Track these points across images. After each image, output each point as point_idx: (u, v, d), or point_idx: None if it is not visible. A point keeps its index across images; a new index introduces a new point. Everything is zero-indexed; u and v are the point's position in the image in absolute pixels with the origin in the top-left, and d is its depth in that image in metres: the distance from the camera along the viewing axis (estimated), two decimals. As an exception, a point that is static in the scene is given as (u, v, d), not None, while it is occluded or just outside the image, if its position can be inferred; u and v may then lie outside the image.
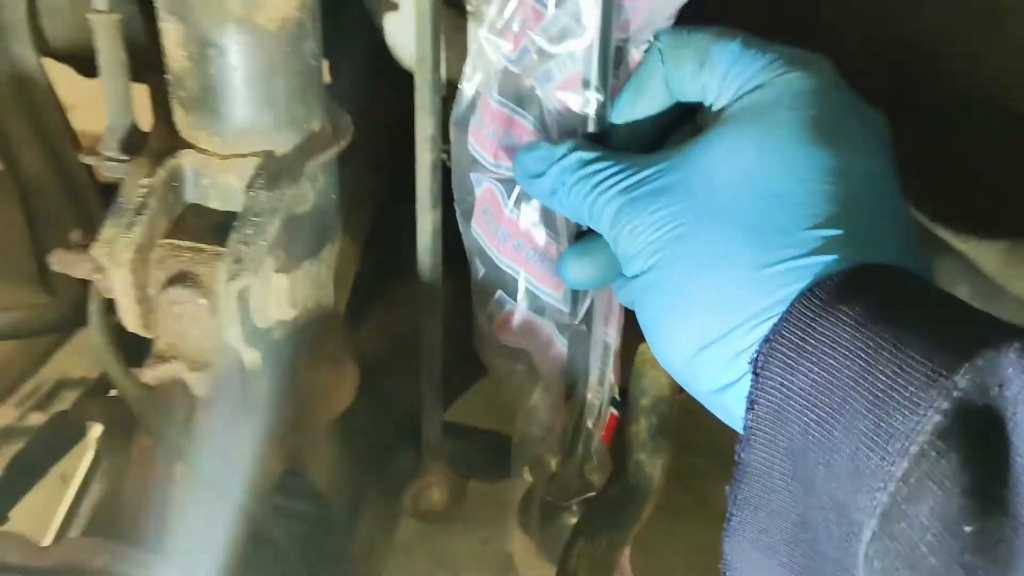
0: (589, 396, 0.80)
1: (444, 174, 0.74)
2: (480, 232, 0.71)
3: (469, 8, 0.65)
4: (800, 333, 0.43)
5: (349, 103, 0.70)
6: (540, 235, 0.68)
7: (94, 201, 1.02)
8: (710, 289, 0.46)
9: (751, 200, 0.47)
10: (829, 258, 0.44)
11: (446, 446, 0.90)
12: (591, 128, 0.60)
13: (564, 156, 0.56)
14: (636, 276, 0.50)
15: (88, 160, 0.65)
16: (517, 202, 0.67)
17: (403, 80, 0.78)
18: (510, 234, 0.70)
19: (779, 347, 0.43)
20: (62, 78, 1.01)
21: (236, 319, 0.57)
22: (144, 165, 0.59)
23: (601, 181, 0.52)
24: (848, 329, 0.42)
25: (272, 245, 0.57)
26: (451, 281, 0.80)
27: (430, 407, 0.85)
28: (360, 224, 0.90)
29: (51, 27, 0.99)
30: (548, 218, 0.68)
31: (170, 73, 0.60)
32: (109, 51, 0.62)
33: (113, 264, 0.56)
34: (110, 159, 0.64)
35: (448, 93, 0.75)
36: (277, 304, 0.59)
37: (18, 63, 0.91)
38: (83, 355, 2.14)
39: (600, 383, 0.80)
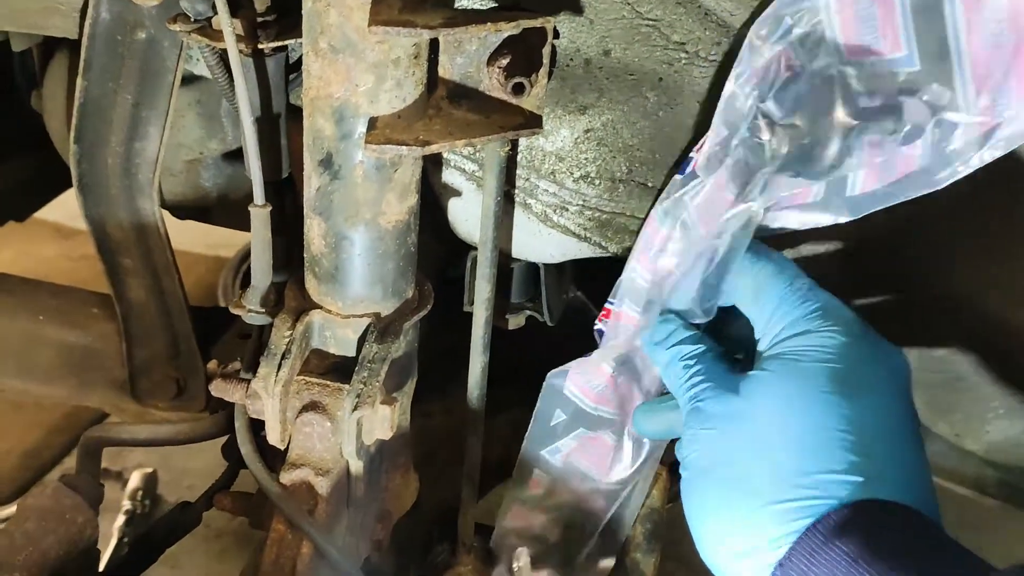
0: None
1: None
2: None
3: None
4: (805, 562, 0.54)
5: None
6: None
7: (184, 326, 1.22)
8: (738, 512, 0.59)
9: (779, 441, 0.59)
10: (835, 499, 0.54)
11: (476, 541, 1.09)
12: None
13: (674, 344, 0.76)
14: (685, 468, 0.66)
15: (235, 311, 0.86)
16: None
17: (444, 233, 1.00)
18: None
19: (791, 573, 0.55)
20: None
21: (353, 439, 0.77)
22: (286, 320, 0.81)
23: (687, 380, 0.71)
24: (844, 563, 0.52)
25: (382, 385, 0.78)
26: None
27: (466, 508, 1.05)
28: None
29: (167, 185, 1.22)
30: None
31: (308, 254, 0.82)
32: (261, 234, 0.84)
33: (267, 395, 0.77)
34: (252, 311, 0.85)
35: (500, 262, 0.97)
36: (381, 427, 0.79)
37: (141, 214, 1.13)
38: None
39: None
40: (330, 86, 0.71)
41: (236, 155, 1.19)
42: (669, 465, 1.11)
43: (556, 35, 0.81)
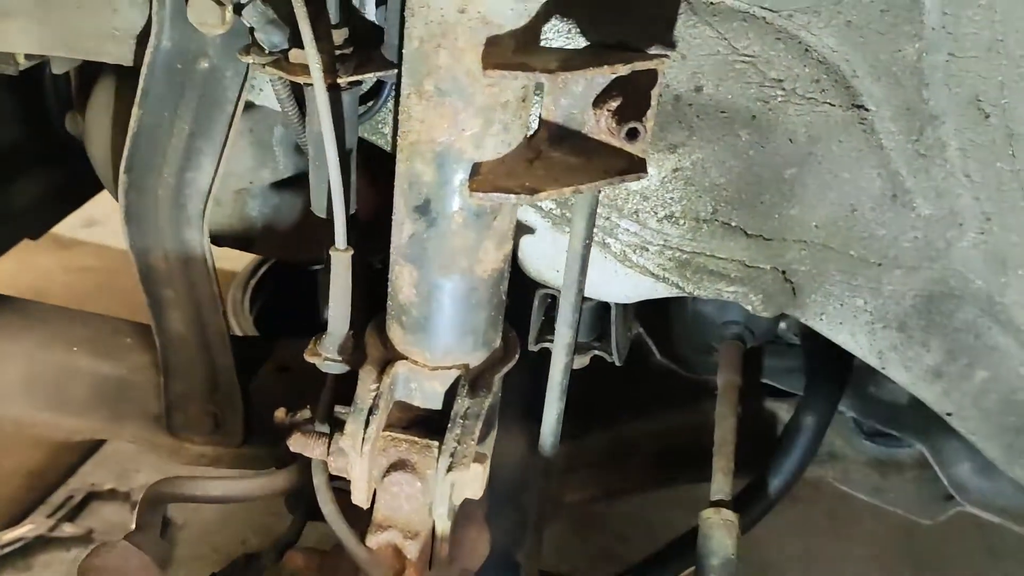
0: None
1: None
2: None
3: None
4: None
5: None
6: None
7: (225, 360, 1.17)
8: None
9: None
10: None
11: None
12: None
13: None
14: None
15: (311, 359, 0.82)
16: None
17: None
18: None
19: None
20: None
21: (446, 500, 0.72)
22: (371, 373, 0.76)
23: None
24: None
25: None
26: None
27: (531, 556, 1.00)
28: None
29: (212, 215, 1.17)
30: None
31: (393, 302, 0.77)
32: (341, 278, 0.79)
33: (356, 454, 0.72)
34: (328, 359, 0.81)
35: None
36: (472, 486, 0.74)
37: (188, 246, 1.08)
38: (109, 468, 2.25)
39: None
40: (433, 130, 0.67)
41: (284, 185, 1.15)
42: (740, 502, 1.07)
43: (662, 75, 0.77)
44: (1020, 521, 1.20)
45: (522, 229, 0.93)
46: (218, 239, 1.20)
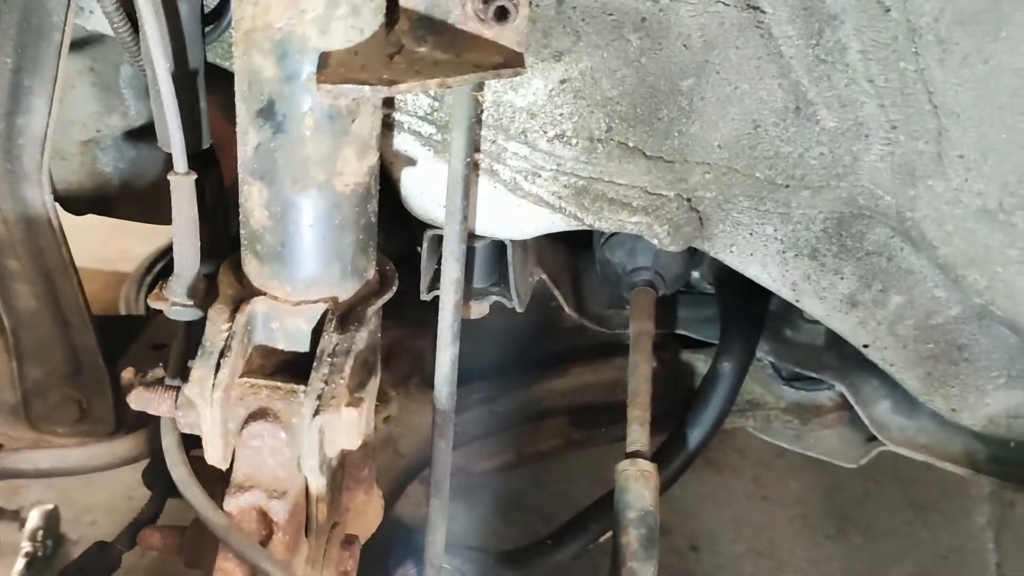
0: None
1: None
2: None
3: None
4: None
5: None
6: None
7: (86, 339, 1.05)
8: None
9: None
10: None
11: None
12: None
13: None
14: None
15: (156, 305, 0.71)
16: None
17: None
18: None
19: None
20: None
21: (315, 451, 0.63)
22: (223, 311, 0.66)
23: None
24: None
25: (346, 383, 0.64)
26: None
27: (434, 526, 0.91)
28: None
29: (58, 171, 1.04)
30: None
31: (246, 229, 0.67)
32: (184, 208, 0.69)
33: (204, 402, 0.62)
34: (177, 304, 0.70)
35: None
36: (347, 435, 0.65)
37: (28, 205, 0.95)
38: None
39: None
40: (269, 13, 0.58)
41: (140, 134, 1.03)
42: (659, 458, 1.00)
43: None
44: (942, 457, 1.16)
45: (402, 161, 0.85)
46: (68, 201, 1.07)
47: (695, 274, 1.31)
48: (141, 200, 1.08)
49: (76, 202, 1.07)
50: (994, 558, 1.80)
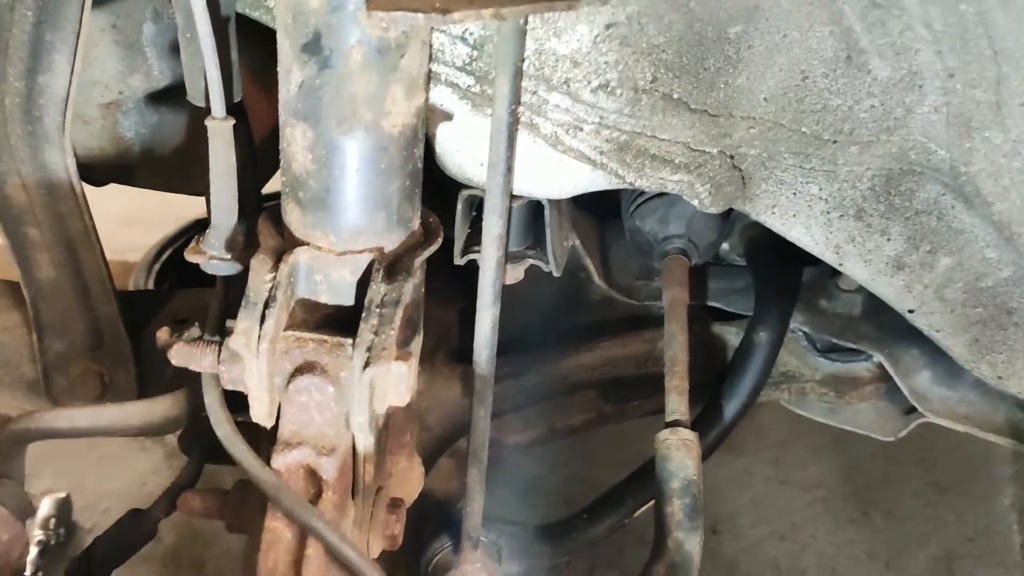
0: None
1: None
2: None
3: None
4: None
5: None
6: None
7: (108, 310, 1.02)
8: None
9: None
10: None
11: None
12: None
13: None
14: None
15: (192, 258, 0.68)
16: None
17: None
18: None
19: None
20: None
21: (365, 406, 0.60)
22: (266, 262, 0.63)
23: None
24: None
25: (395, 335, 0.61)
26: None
27: (474, 496, 0.88)
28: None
29: (78, 136, 1.01)
30: None
31: (288, 175, 0.64)
32: (221, 154, 0.65)
33: (250, 354, 0.59)
34: (215, 258, 0.67)
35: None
36: (396, 391, 0.62)
37: (49, 170, 0.92)
38: None
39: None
40: (318, -64, 0.54)
41: (163, 97, 1.00)
42: (696, 430, 0.97)
43: None
44: (984, 428, 1.13)
45: (437, 116, 0.81)
46: (89, 168, 1.04)
47: (725, 245, 1.28)
48: (164, 167, 1.05)
49: (97, 169, 1.04)
50: (1019, 539, 1.78)
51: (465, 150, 0.83)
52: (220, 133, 0.64)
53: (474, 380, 0.81)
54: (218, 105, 0.63)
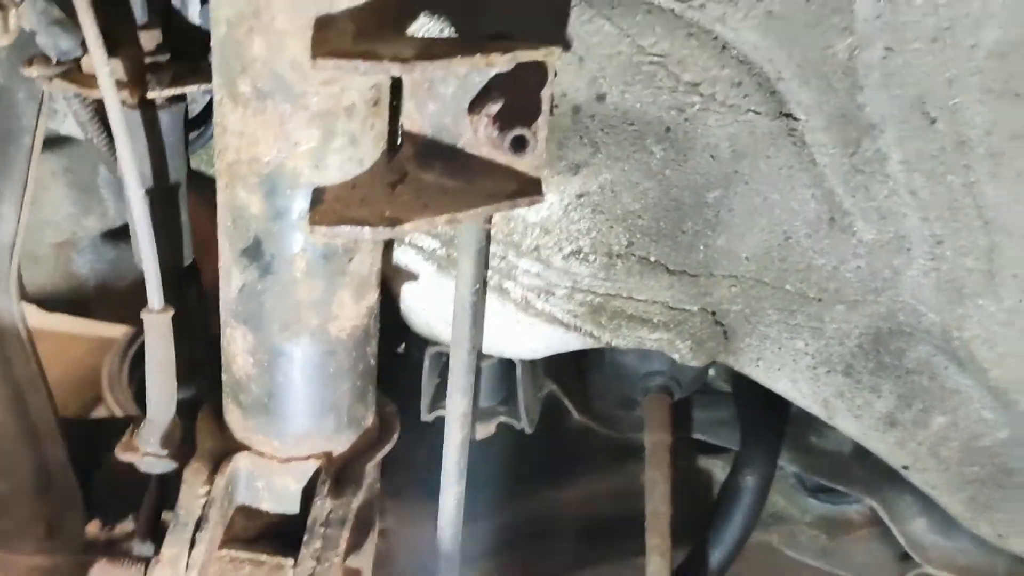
0: None
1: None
2: None
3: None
4: None
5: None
6: None
7: (56, 452, 0.96)
8: None
9: None
10: None
11: None
12: None
13: None
14: None
15: (125, 457, 0.63)
16: None
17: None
18: None
19: None
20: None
21: (303, 639, 0.54)
22: (201, 471, 0.58)
23: None
24: None
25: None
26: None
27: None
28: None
29: (29, 274, 0.97)
30: None
31: (228, 376, 0.59)
32: (160, 347, 0.61)
33: (176, 588, 0.53)
34: (149, 455, 0.62)
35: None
36: (339, 614, 0.56)
37: (-2, 314, 0.87)
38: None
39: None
40: (256, 146, 0.51)
41: (120, 234, 0.96)
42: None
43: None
44: (985, 581, 1.08)
45: (403, 276, 0.77)
46: (42, 302, 0.99)
47: (711, 371, 1.24)
48: (120, 302, 1.00)
49: (48, 304, 0.99)
50: None
51: (432, 310, 0.79)
52: (156, 327, 0.59)
53: (440, 558, 0.76)
54: (155, 297, 0.59)
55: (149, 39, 0.62)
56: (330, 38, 0.47)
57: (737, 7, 0.67)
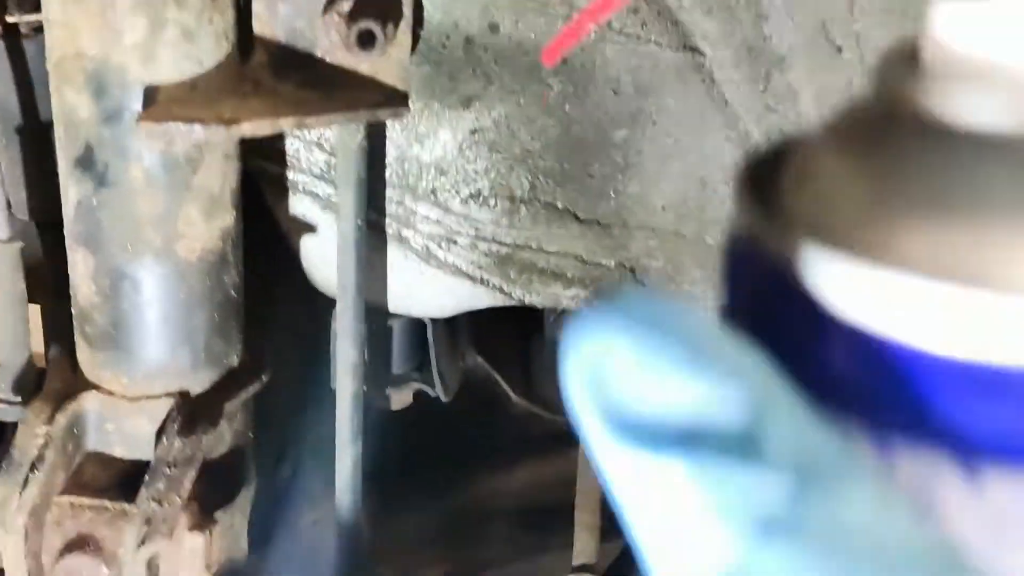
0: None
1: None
2: None
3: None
4: None
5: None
6: None
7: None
8: None
9: None
10: None
11: None
12: None
13: None
14: None
15: (-27, 404, 0.58)
16: None
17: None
18: None
19: None
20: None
21: (144, 588, 0.49)
22: (43, 410, 0.53)
23: None
24: None
25: (187, 500, 0.51)
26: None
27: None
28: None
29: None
30: None
31: (75, 307, 0.55)
32: (8, 281, 0.56)
33: (3, 530, 0.48)
34: (2, 401, 0.57)
35: (373, 319, 0.73)
36: (190, 568, 0.51)
37: None
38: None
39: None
40: (80, 38, 0.47)
41: None
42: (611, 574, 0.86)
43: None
44: None
45: (301, 227, 0.73)
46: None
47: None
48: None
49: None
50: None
51: (332, 262, 0.74)
52: (4, 257, 0.55)
53: (336, 529, 0.71)
54: (1, 225, 0.54)
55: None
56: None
57: (628, -73, 0.64)
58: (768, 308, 0.18)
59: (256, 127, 0.47)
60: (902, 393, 0.16)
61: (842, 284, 0.16)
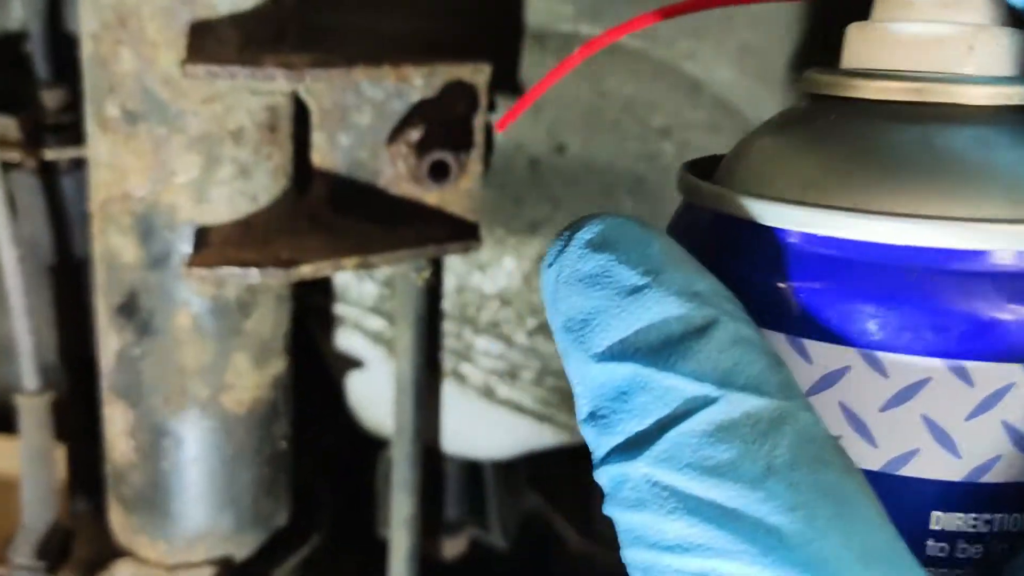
0: None
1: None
2: None
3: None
4: None
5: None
6: None
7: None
8: None
9: None
10: None
11: None
12: None
13: None
14: None
15: (-7, 572, 0.52)
16: None
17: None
18: None
19: None
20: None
21: None
22: (67, 585, 0.47)
23: None
24: None
25: None
26: None
27: None
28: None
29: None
30: None
31: (110, 465, 0.50)
32: (35, 437, 0.52)
33: None
34: (22, 566, 0.52)
35: (425, 461, 0.67)
36: None
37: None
38: None
39: None
40: (128, 179, 0.43)
41: None
42: None
43: (493, 106, 0.55)
44: None
45: (347, 363, 0.68)
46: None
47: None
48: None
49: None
50: None
51: (382, 402, 0.69)
52: (32, 412, 0.50)
53: None
54: (30, 377, 0.50)
55: (52, 98, 0.56)
56: (207, 47, 0.40)
57: (706, 43, 0.61)
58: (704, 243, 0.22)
59: (317, 269, 0.43)
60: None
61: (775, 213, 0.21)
